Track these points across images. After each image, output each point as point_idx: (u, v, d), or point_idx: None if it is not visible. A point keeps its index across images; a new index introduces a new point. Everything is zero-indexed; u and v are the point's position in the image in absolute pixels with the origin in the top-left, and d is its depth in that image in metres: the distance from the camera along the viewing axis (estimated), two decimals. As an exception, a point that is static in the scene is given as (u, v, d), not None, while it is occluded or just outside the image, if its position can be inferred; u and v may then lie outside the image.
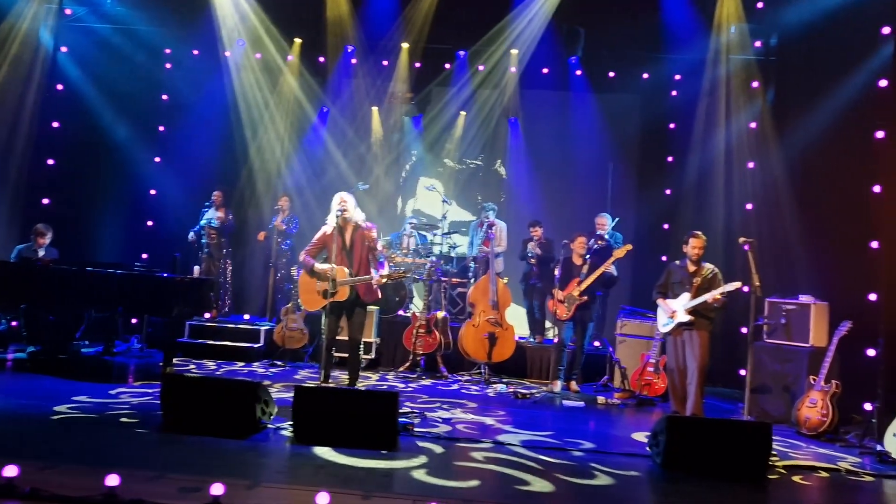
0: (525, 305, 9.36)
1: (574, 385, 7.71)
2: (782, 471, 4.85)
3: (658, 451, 4.73)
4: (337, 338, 6.51)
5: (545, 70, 10.33)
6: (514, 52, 9.87)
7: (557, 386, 7.57)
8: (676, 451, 4.62)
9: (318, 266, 6.06)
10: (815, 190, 7.52)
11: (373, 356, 8.30)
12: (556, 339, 7.80)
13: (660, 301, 6.54)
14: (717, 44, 9.01)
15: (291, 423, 4.85)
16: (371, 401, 4.93)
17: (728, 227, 8.80)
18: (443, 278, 8.97)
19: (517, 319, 9.74)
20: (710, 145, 9.24)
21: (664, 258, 9.67)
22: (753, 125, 8.62)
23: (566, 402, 7.01)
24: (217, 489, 3.27)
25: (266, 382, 6.73)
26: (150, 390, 6.12)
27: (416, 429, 5.21)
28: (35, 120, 9.02)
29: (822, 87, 7.53)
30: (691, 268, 6.36)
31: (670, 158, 10.20)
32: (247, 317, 9.20)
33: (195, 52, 10.23)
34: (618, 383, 7.97)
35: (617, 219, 9.15)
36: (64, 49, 9.37)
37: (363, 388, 6.11)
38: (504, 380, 8.03)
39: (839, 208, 7.05)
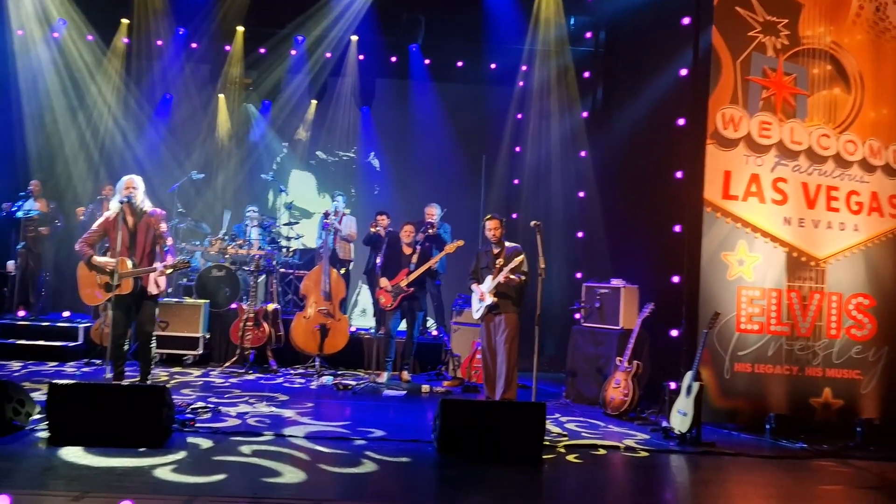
0: (371, 296, 9.25)
1: (406, 374, 7.64)
2: (561, 450, 4.91)
3: (436, 435, 4.69)
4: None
5: (393, 59, 10.25)
6: (354, 38, 9.72)
7: (384, 376, 7.48)
8: (451, 435, 4.58)
9: (98, 258, 5.67)
10: (631, 177, 7.77)
11: (201, 351, 7.95)
12: (382, 330, 7.71)
13: (473, 287, 6.54)
14: (553, 35, 9.17)
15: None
16: (135, 396, 4.65)
17: (565, 214, 9.00)
18: (283, 270, 8.71)
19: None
20: (550, 135, 9.42)
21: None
22: (585, 115, 8.83)
23: (388, 392, 6.92)
24: None
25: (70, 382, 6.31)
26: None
27: (196, 424, 4.97)
28: None
29: (641, 78, 7.79)
30: (495, 250, 6.37)
31: (518, 148, 10.34)
32: (67, 314, 8.62)
33: (20, 31, 9.49)
34: (451, 371, 7.97)
35: (445, 209, 9.09)
36: None
37: (127, 384, 5.73)
38: (339, 372, 7.88)
39: (649, 195, 7.29)
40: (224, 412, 5.48)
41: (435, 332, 8.57)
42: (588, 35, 9.06)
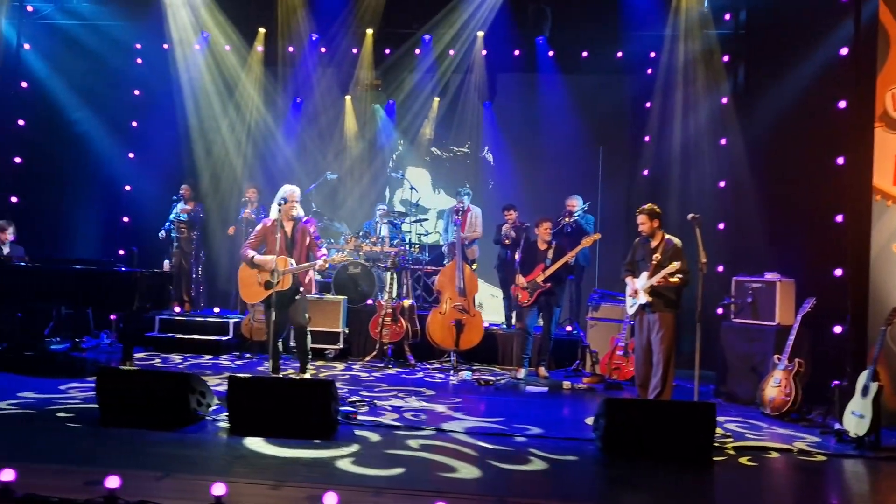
0: (502, 291, 9.25)
1: (543, 371, 7.59)
2: (731, 452, 4.72)
3: (599, 434, 4.61)
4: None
5: (517, 52, 10.16)
6: (480, 33, 9.72)
7: (521, 372, 7.45)
8: (616, 434, 4.49)
9: (258, 256, 5.97)
10: (782, 165, 7.32)
11: (341, 346, 8.21)
12: (519, 326, 7.67)
13: (627, 280, 6.32)
14: (687, 19, 8.81)
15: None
16: (306, 390, 4.84)
17: (704, 205, 8.61)
18: (413, 266, 8.86)
19: (496, 306, 9.69)
20: (685, 123, 9.04)
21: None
22: (725, 101, 8.42)
23: (529, 388, 6.90)
24: (113, 482, 3.19)
25: (227, 375, 6.69)
26: (90, 385, 6.06)
27: (358, 417, 5.12)
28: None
29: (790, 59, 7.33)
30: (652, 243, 6.09)
31: (647, 138, 10.02)
32: (217, 310, 9.15)
33: (165, 45, 10.16)
34: (588, 368, 7.85)
35: (588, 202, 8.97)
36: (27, 46, 9.31)
37: (298, 378, 5.99)
38: (474, 367, 7.93)
39: (805, 183, 6.85)
40: (379, 406, 5.62)
41: (570, 328, 8.45)
42: (727, 17, 8.61)
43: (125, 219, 10.52)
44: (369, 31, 9.76)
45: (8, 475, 3.20)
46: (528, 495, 3.68)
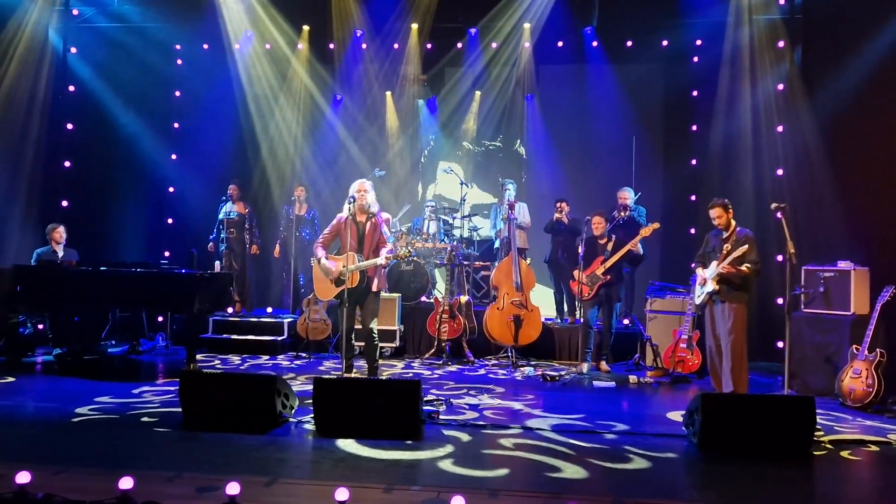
0: (553, 286, 9.16)
1: (604, 365, 7.51)
2: (829, 446, 4.61)
3: (694, 430, 4.52)
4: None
5: (560, 43, 10.04)
6: (526, 25, 9.60)
7: (584, 367, 7.36)
8: (713, 430, 4.40)
9: (324, 262, 5.91)
10: (848, 150, 7.18)
11: (397, 344, 8.15)
12: (581, 320, 7.58)
13: (697, 270, 6.25)
14: (739, 4, 8.64)
15: (313, 416, 4.73)
16: (393, 390, 4.78)
17: (759, 194, 8.48)
18: (464, 262, 8.78)
19: (544, 300, 9.59)
20: (736, 111, 8.88)
21: (692, 231, 9.42)
22: (781, 87, 8.25)
23: (597, 383, 6.80)
24: (233, 488, 3.14)
25: (289, 375, 6.66)
26: (172, 388, 6.04)
27: (441, 417, 5.06)
28: (46, 122, 8.95)
29: (851, 43, 7.20)
30: (724, 234, 6.04)
31: (694, 127, 9.88)
32: (269, 310, 9.13)
33: (205, 46, 10.15)
34: (650, 361, 7.74)
35: (639, 193, 8.86)
36: (73, 50, 9.31)
37: (384, 378, 5.95)
38: (532, 362, 7.86)
39: (875, 168, 6.70)
40: (456, 405, 5.56)
41: (627, 322, 8.35)
42: (781, 1, 8.44)
43: (169, 220, 10.55)
44: (414, 26, 9.66)
45: (126, 483, 3.17)
46: (643, 495, 3.59)
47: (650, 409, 5.81)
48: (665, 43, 9.80)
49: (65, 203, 9.07)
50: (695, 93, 9.81)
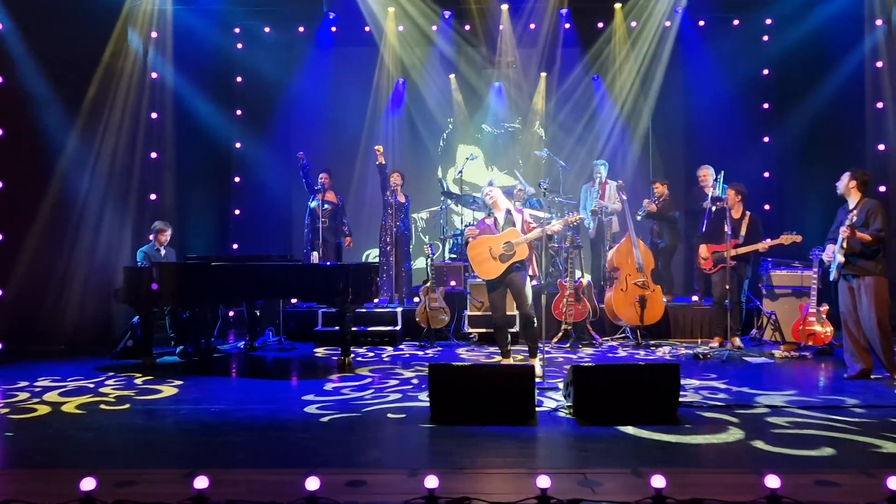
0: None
1: (737, 341, 7.63)
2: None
3: None
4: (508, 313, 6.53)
5: (633, 24, 10.17)
6: (617, 6, 9.67)
7: (718, 343, 7.53)
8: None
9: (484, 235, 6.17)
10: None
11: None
12: (714, 298, 7.72)
13: (829, 246, 6.18)
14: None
15: (570, 405, 4.69)
16: (651, 374, 4.78)
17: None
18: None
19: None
20: (818, 89, 9.19)
21: (766, 207, 9.71)
22: (880, 64, 8.51)
23: (750, 359, 6.93)
24: (543, 482, 3.01)
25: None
26: (355, 383, 5.88)
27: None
28: (131, 113, 8.44)
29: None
30: (850, 205, 6.01)
31: (766, 105, 10.15)
32: (376, 300, 8.91)
33: (266, 29, 9.87)
34: (769, 336, 7.96)
35: (722, 171, 8.93)
36: (154, 34, 8.79)
37: (643, 364, 6.00)
38: (651, 342, 7.94)
39: None
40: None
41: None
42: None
43: (236, 211, 10.21)
44: (504, 7, 9.55)
45: (431, 482, 3.03)
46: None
47: (843, 383, 5.82)
48: (736, 23, 10.03)
49: (153, 196, 8.61)
50: (766, 71, 10.11)
